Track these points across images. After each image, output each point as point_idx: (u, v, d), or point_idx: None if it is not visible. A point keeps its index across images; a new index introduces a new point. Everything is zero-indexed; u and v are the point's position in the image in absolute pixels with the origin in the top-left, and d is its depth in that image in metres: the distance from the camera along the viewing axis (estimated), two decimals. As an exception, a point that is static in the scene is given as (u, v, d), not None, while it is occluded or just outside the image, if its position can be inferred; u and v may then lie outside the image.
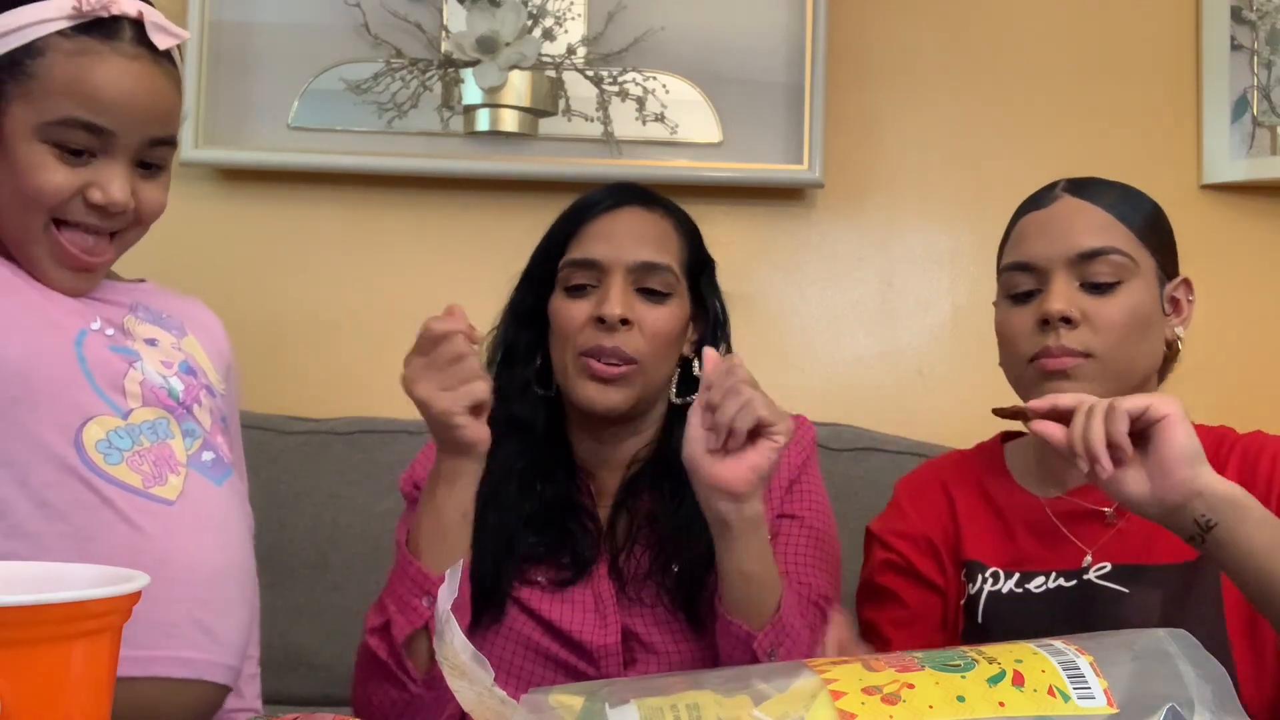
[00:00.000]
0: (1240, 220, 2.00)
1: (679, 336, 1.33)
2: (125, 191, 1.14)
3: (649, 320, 1.28)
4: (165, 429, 1.16)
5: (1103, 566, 1.21)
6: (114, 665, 0.67)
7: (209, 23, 1.94)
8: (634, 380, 1.28)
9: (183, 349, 1.23)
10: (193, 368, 1.23)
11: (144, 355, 1.18)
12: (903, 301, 2.03)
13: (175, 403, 1.18)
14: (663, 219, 1.35)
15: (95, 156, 1.13)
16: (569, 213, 1.36)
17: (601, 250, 1.30)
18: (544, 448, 1.34)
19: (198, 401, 1.20)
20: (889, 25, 2.03)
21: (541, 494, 1.31)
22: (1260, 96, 1.98)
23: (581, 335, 1.28)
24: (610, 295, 1.27)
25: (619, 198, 1.34)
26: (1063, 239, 1.24)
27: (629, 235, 1.31)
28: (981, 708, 0.74)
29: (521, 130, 1.96)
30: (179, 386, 1.19)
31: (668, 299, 1.31)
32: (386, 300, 1.97)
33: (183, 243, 1.97)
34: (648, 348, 1.28)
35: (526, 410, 1.34)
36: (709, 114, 1.97)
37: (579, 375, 1.28)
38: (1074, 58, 2.03)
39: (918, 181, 2.03)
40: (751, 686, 0.77)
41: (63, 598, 0.62)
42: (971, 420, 1.81)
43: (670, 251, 1.33)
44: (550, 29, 1.96)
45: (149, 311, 1.24)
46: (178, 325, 1.26)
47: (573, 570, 1.28)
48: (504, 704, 0.76)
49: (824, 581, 1.28)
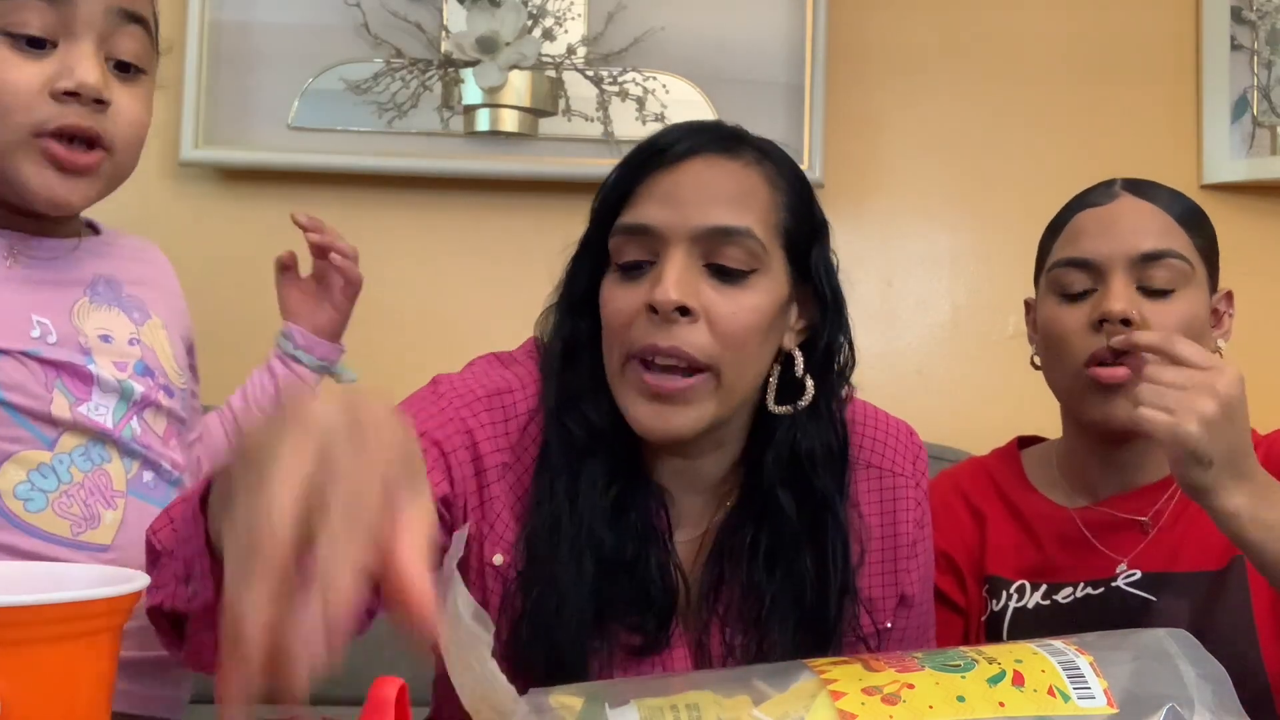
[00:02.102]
0: (1240, 220, 2.00)
1: (769, 327, 0.98)
2: (96, 72, 1.01)
3: (720, 308, 0.95)
4: (100, 452, 1.04)
5: (1132, 574, 1.19)
6: (114, 665, 0.67)
7: (209, 23, 1.93)
8: (704, 394, 0.95)
9: (141, 339, 1.12)
10: (150, 367, 1.12)
11: (95, 352, 1.07)
12: (903, 301, 2.02)
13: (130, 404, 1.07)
14: (748, 168, 1.00)
15: (57, 45, 1.00)
16: (630, 158, 1.02)
17: (658, 213, 0.96)
18: (613, 459, 1.00)
19: (155, 405, 1.10)
20: (889, 25, 2.03)
21: (626, 526, 0.99)
22: (1260, 96, 1.98)
23: (632, 330, 0.96)
24: (665, 274, 0.94)
25: (692, 142, 0.99)
26: (1125, 238, 1.19)
27: (699, 190, 0.97)
28: (981, 708, 0.74)
29: (521, 130, 1.96)
30: (138, 389, 1.08)
31: (748, 277, 0.97)
32: (386, 300, 1.97)
33: (183, 243, 1.97)
34: (718, 346, 0.95)
35: (605, 418, 1.00)
36: (709, 114, 1.97)
37: (632, 389, 0.96)
38: (1074, 58, 2.03)
39: (918, 181, 2.03)
40: (751, 686, 0.77)
41: (63, 598, 0.62)
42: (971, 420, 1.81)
43: (754, 211, 0.97)
44: (550, 29, 1.96)
45: (109, 287, 1.12)
46: (139, 304, 1.14)
47: (655, 630, 0.98)
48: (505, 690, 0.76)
49: None
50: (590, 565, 0.96)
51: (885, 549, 1.05)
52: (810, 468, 1.00)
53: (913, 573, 1.06)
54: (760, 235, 0.97)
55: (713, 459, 1.02)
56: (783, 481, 1.00)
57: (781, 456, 1.00)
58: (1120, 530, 1.22)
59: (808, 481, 1.00)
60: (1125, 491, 1.23)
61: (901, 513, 1.06)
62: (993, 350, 1.96)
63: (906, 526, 1.06)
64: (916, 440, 1.10)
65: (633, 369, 0.96)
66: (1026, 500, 1.28)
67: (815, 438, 1.01)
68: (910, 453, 1.09)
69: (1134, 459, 1.22)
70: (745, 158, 1.00)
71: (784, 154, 1.05)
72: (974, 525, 1.28)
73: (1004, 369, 1.92)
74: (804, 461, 1.00)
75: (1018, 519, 1.27)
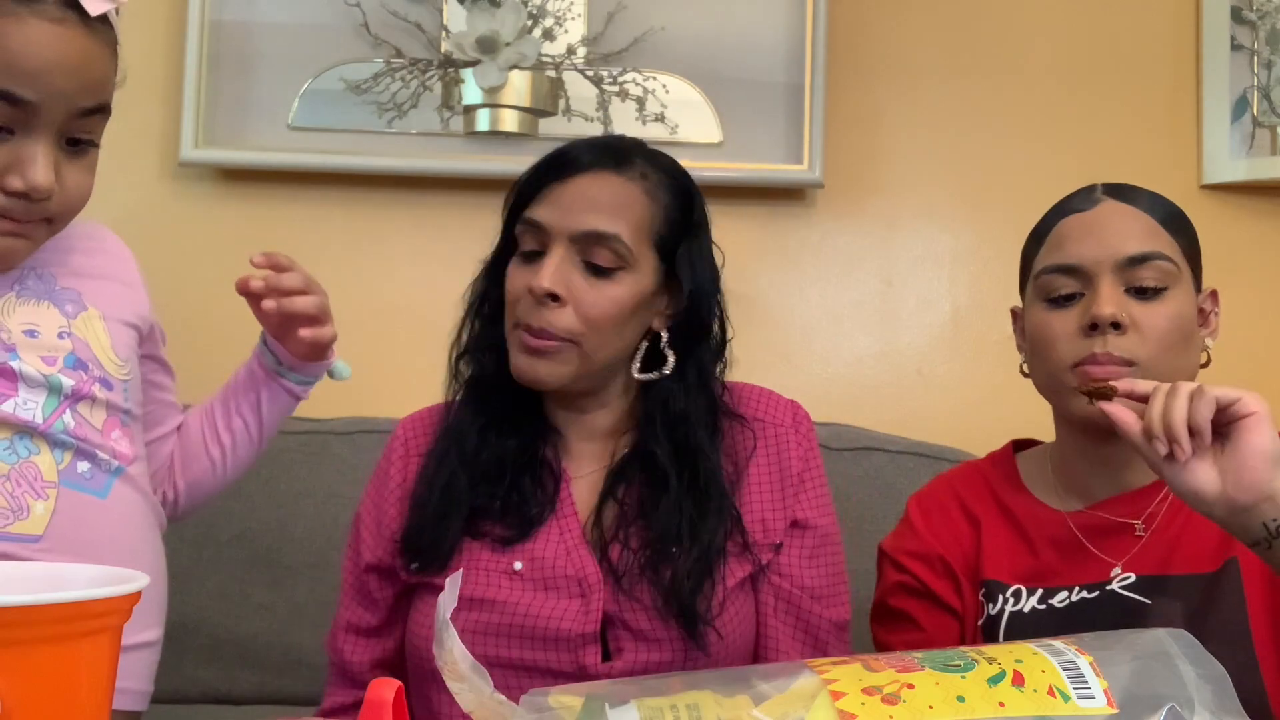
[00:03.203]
0: (1240, 220, 2.00)
1: (630, 313, 1.21)
2: (49, 175, 1.01)
3: (586, 298, 1.18)
4: (27, 445, 1.04)
5: (1127, 577, 1.19)
6: (114, 665, 0.67)
7: (209, 23, 1.93)
8: (565, 356, 1.19)
9: (73, 332, 1.11)
10: (83, 359, 1.11)
11: (20, 349, 1.07)
12: (903, 301, 2.03)
13: (62, 397, 1.07)
14: (631, 183, 1.22)
15: (14, 134, 1.01)
16: (544, 162, 1.25)
17: (548, 214, 1.20)
18: (512, 405, 1.26)
19: (89, 397, 1.10)
20: (889, 25, 2.03)
21: (501, 447, 1.24)
22: (1260, 96, 1.98)
23: (520, 306, 1.20)
24: (545, 266, 1.18)
25: (590, 156, 1.23)
26: (1110, 242, 1.20)
27: (581, 199, 1.20)
28: (981, 708, 0.74)
29: (521, 130, 1.96)
30: (67, 383, 1.08)
31: (615, 273, 1.19)
32: (386, 300, 1.97)
33: (183, 243, 1.97)
34: (582, 326, 1.18)
35: (493, 367, 1.26)
36: (709, 114, 1.97)
37: (513, 346, 1.21)
38: (1074, 58, 2.03)
39: (918, 181, 2.03)
40: (751, 686, 0.77)
41: (63, 598, 0.62)
42: (971, 420, 1.81)
43: (627, 219, 1.20)
44: (550, 29, 1.96)
45: (40, 281, 1.11)
46: (74, 296, 1.13)
47: (517, 529, 1.21)
48: (503, 705, 0.76)
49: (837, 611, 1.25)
50: (464, 474, 1.22)
51: (773, 481, 1.26)
52: (681, 422, 1.23)
53: (803, 501, 1.26)
54: (628, 240, 1.19)
55: (601, 414, 1.27)
56: (660, 432, 1.22)
57: (655, 413, 1.23)
58: (1114, 534, 1.22)
59: (681, 433, 1.22)
60: (1118, 494, 1.23)
61: (785, 452, 1.27)
62: (993, 350, 1.96)
63: (790, 462, 1.26)
64: (798, 408, 1.31)
65: (517, 333, 1.20)
66: (1021, 504, 1.28)
67: (684, 399, 1.24)
68: (789, 412, 1.30)
69: (1125, 458, 1.23)
70: (631, 173, 1.23)
71: (673, 167, 1.27)
72: (969, 529, 1.28)
73: (1004, 369, 1.91)
74: (676, 418, 1.23)
75: (1013, 523, 1.27)
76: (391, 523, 1.26)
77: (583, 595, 1.18)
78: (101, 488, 1.08)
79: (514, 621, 1.17)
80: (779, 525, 1.24)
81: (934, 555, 1.28)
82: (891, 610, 1.30)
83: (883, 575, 1.33)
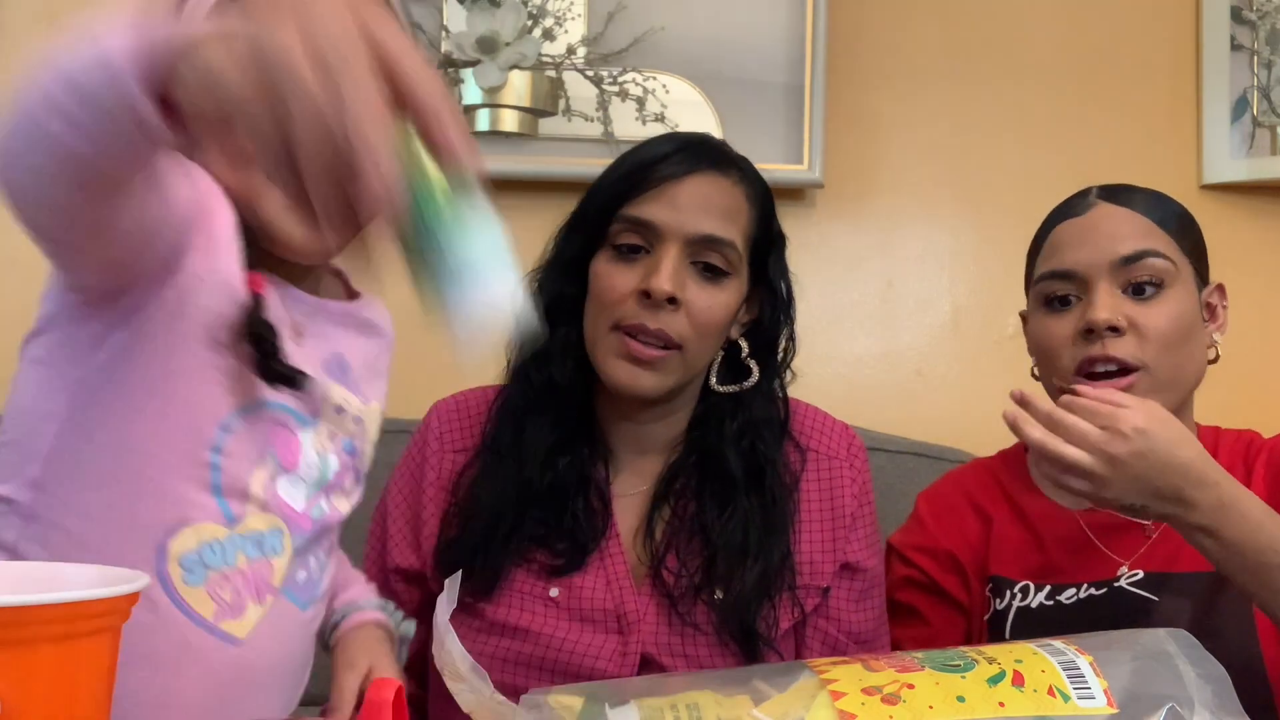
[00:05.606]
0: (1240, 220, 2.00)
1: (729, 321, 1.18)
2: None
3: (700, 302, 1.14)
4: (275, 543, 0.94)
5: (1134, 574, 1.20)
6: (114, 665, 0.67)
7: (209, 23, 1.93)
8: (672, 365, 1.14)
9: (364, 421, 1.02)
10: (356, 449, 1.02)
11: (322, 426, 0.97)
12: (903, 301, 2.02)
13: (323, 485, 0.97)
14: (735, 186, 1.18)
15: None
16: (635, 164, 1.18)
17: (663, 213, 1.14)
18: (576, 418, 1.20)
19: (340, 488, 1.01)
20: (889, 26, 2.03)
21: (563, 469, 1.17)
22: (1260, 96, 1.98)
23: (623, 307, 1.13)
24: (662, 268, 1.12)
25: (692, 163, 1.17)
26: (1103, 245, 1.21)
27: (699, 201, 1.15)
28: (981, 708, 0.74)
29: (521, 130, 1.96)
30: (334, 465, 0.99)
31: (725, 279, 1.16)
32: (387, 300, 1.97)
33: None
34: (692, 332, 1.14)
35: (567, 377, 1.18)
36: (709, 114, 1.97)
37: (612, 352, 1.14)
38: (1074, 58, 2.03)
39: (918, 181, 2.03)
40: (751, 686, 0.77)
41: (63, 598, 0.62)
42: (971, 420, 1.81)
43: (738, 225, 1.17)
44: (550, 29, 1.96)
45: (341, 366, 1.01)
46: (365, 387, 1.04)
47: (567, 558, 1.15)
48: (503, 705, 0.76)
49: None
50: (513, 494, 1.15)
51: (824, 519, 1.22)
52: (756, 434, 1.19)
53: (854, 543, 1.22)
54: (739, 246, 1.17)
55: (662, 425, 1.22)
56: (729, 439, 1.18)
57: (732, 423, 1.19)
58: (1122, 532, 1.23)
59: (752, 444, 1.19)
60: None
61: (839, 489, 1.23)
62: (993, 350, 1.96)
63: (844, 501, 1.22)
64: (852, 434, 1.28)
65: (617, 336, 1.14)
66: (1030, 502, 1.28)
67: (761, 410, 1.21)
68: (844, 441, 1.26)
69: None
70: (734, 175, 1.19)
71: (756, 172, 1.23)
72: (979, 526, 1.29)
73: (1004, 369, 1.92)
74: (749, 429, 1.19)
75: (1022, 520, 1.28)
76: (428, 528, 1.20)
77: (620, 632, 1.13)
78: (307, 600, 0.98)
79: (547, 655, 1.12)
80: (828, 569, 1.21)
81: (942, 550, 1.29)
82: (898, 604, 1.31)
83: (890, 570, 1.33)
